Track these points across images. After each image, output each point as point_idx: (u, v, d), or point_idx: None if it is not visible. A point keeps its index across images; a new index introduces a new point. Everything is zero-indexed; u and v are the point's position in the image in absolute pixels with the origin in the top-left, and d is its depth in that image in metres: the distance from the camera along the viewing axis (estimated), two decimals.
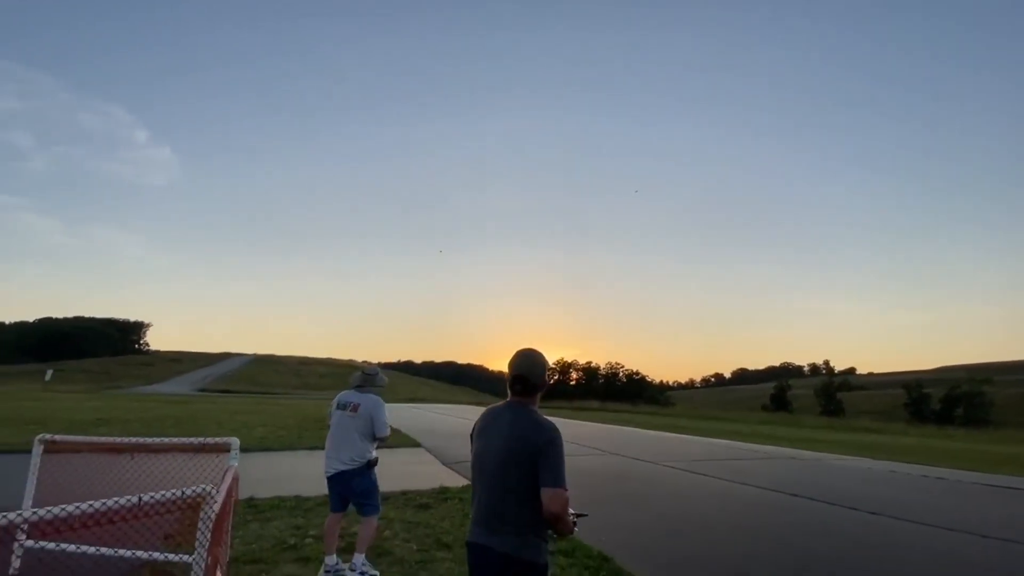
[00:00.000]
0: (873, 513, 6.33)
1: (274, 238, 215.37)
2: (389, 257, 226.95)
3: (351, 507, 3.87)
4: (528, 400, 1.99)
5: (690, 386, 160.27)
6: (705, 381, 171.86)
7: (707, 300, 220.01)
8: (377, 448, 3.94)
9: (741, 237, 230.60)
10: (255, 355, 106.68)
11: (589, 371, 76.40)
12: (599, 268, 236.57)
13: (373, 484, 3.81)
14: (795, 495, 7.20)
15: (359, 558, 3.67)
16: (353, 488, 3.77)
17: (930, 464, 11.35)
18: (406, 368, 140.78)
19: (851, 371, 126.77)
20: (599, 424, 21.59)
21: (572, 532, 1.92)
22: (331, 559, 3.75)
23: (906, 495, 7.54)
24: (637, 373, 74.69)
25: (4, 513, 1.61)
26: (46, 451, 3.46)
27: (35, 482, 3.37)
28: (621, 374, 75.76)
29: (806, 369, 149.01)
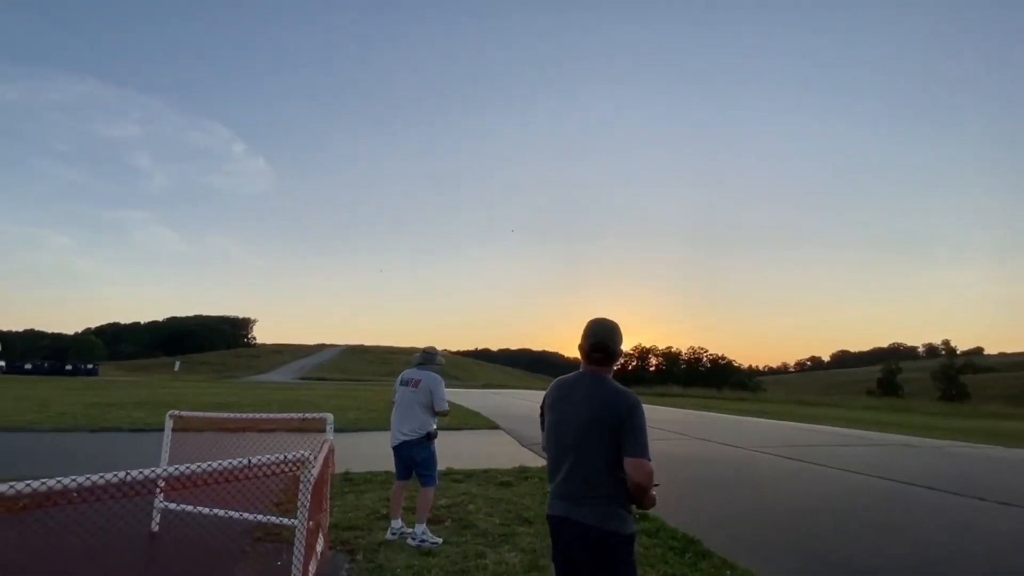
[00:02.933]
0: (1002, 503, 5.59)
1: (361, 234, 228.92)
2: (466, 247, 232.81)
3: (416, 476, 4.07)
4: (605, 370, 1.97)
5: (783, 371, 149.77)
6: (800, 365, 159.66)
7: (800, 276, 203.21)
8: (437, 424, 4.08)
9: (835, 203, 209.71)
10: (347, 346, 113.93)
11: (670, 356, 73.92)
12: (677, 250, 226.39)
13: (432, 455, 3.97)
14: (909, 483, 6.55)
15: (420, 527, 3.85)
16: (414, 457, 3.94)
17: None
18: (483, 356, 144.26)
19: (977, 351, 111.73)
20: (681, 409, 20.90)
21: (654, 505, 1.87)
22: (396, 523, 4.00)
23: None
24: (723, 358, 71.35)
25: (141, 470, 1.91)
26: (175, 429, 3.96)
27: (168, 452, 3.88)
28: (705, 359, 72.74)
29: (921, 350, 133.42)
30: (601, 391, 1.90)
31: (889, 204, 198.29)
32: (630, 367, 71.90)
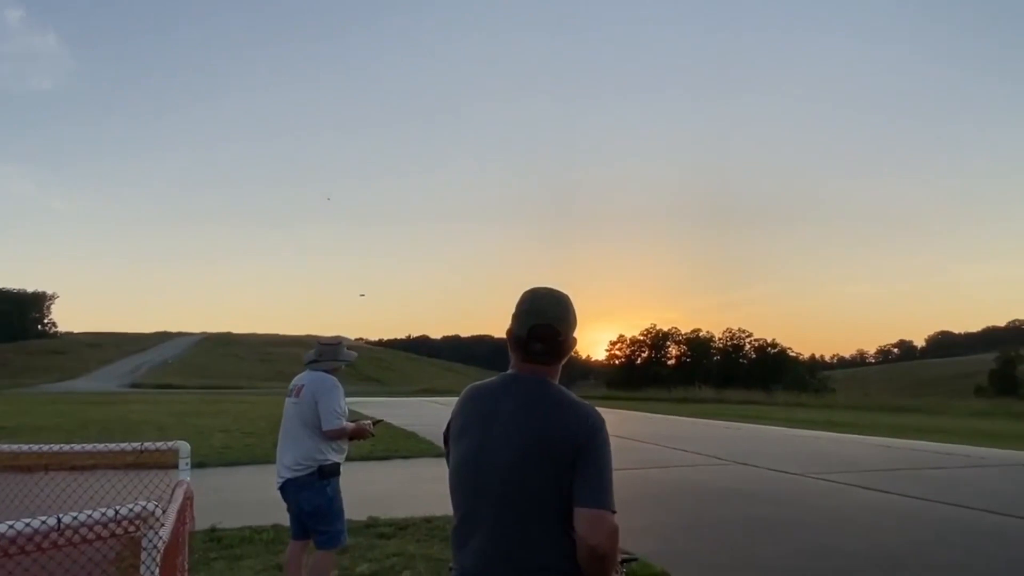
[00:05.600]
0: None
1: (228, 178, 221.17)
2: (395, 207, 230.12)
3: None
4: (550, 370, 1.85)
5: (860, 361, 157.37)
6: (883, 353, 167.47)
7: (879, 230, 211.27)
8: (344, 451, 4.08)
9: (925, 133, 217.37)
10: (204, 335, 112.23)
11: (697, 344, 76.22)
12: (706, 198, 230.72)
13: (328, 502, 3.95)
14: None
15: None
16: (301, 505, 3.95)
17: None
18: (419, 347, 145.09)
19: None
20: (714, 421, 21.77)
21: None
22: None
23: None
24: (773, 344, 73.92)
25: None
26: None
27: None
28: (748, 347, 75.22)
29: None
30: (544, 405, 1.77)
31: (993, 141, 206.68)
32: (639, 359, 74.14)
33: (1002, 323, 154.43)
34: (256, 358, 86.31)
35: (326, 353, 4.16)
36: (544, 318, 1.83)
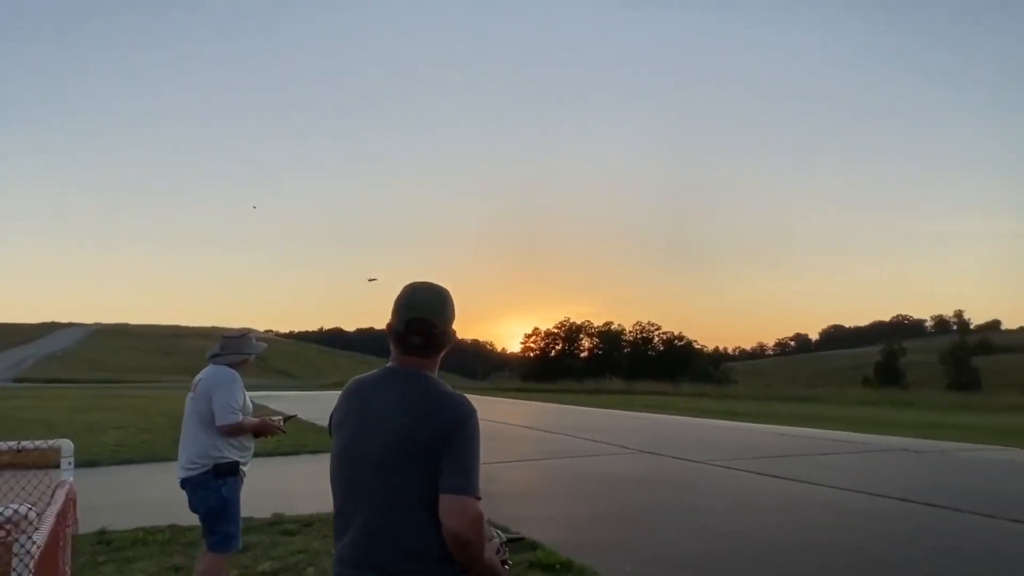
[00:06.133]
0: (1017, 521, 6.70)
1: (124, 140, 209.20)
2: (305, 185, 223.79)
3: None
4: (427, 363, 1.90)
5: (759, 354, 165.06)
6: (781, 346, 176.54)
7: (780, 228, 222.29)
8: (246, 449, 3.92)
9: (823, 133, 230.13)
10: (97, 326, 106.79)
11: (609, 337, 78.10)
12: (627, 197, 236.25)
13: (224, 503, 3.78)
14: (905, 499, 7.59)
15: None
16: (195, 505, 3.81)
17: None
18: (334, 339, 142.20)
19: (993, 326, 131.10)
20: (622, 412, 22.30)
21: (499, 572, 1.78)
22: None
23: None
24: (680, 338, 76.69)
25: None
26: None
27: None
28: (657, 339, 77.70)
29: (929, 324, 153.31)
30: (419, 397, 1.82)
31: (889, 135, 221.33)
32: (553, 352, 75.27)
33: (887, 317, 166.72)
34: (159, 351, 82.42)
35: (229, 346, 4.00)
36: (421, 312, 1.88)
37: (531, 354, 77.42)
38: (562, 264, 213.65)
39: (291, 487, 8.05)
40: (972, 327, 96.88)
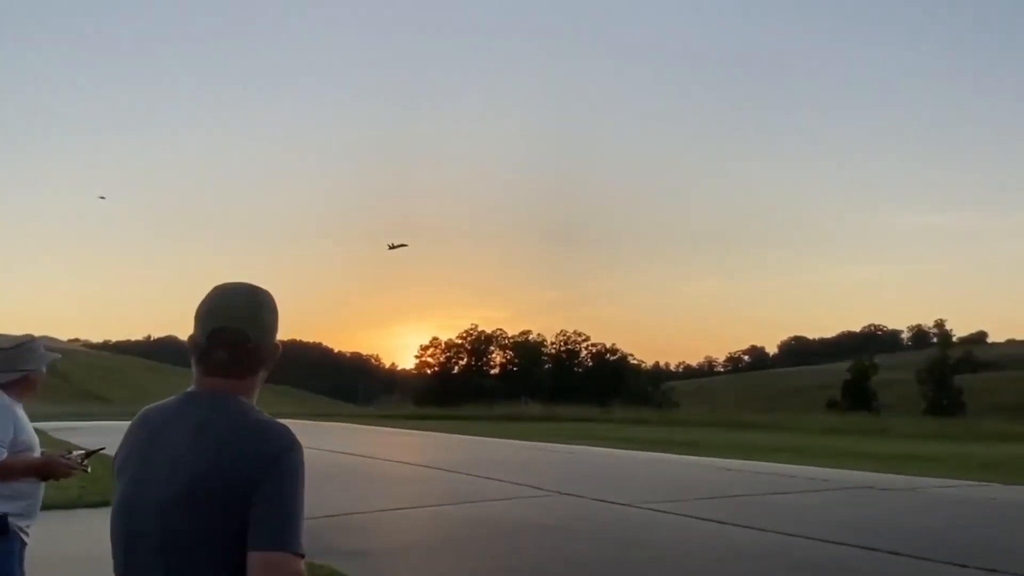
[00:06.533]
0: (993, 571, 7.16)
1: None
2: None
3: None
4: (239, 386, 1.83)
5: (707, 371, 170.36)
6: (733, 361, 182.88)
7: (727, 218, 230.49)
8: (23, 497, 3.75)
9: (781, 101, 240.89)
10: None
11: (527, 349, 78.47)
12: (546, 183, 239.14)
13: None
14: (867, 547, 7.98)
15: None
16: None
17: None
18: (165, 351, 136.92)
19: (979, 338, 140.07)
20: (541, 444, 22.57)
21: None
22: None
23: None
24: (613, 351, 78.10)
25: None
26: None
27: None
28: (584, 352, 78.72)
29: (905, 336, 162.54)
30: (222, 429, 1.74)
31: (859, 115, 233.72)
32: (456, 368, 74.87)
33: (857, 328, 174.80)
34: None
35: (6, 360, 3.78)
36: (229, 320, 1.80)
37: (428, 371, 77.11)
38: (469, 260, 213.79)
39: (90, 550, 7.74)
40: (955, 340, 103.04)
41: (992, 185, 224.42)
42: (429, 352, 77.46)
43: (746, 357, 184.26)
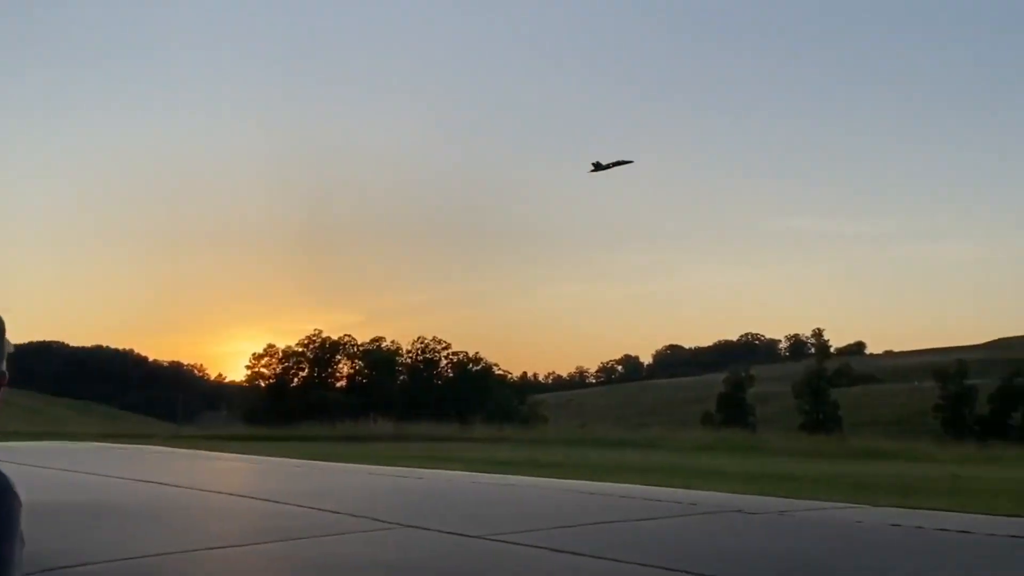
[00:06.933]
0: None
1: None
2: None
3: None
4: None
5: (579, 383, 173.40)
6: (605, 372, 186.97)
7: (597, 218, 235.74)
8: None
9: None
10: None
11: (380, 358, 77.14)
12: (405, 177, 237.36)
13: None
14: None
15: None
16: None
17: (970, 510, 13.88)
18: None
19: (857, 348, 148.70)
20: (389, 468, 22.33)
21: None
22: None
23: (927, 561, 9.12)
24: (476, 360, 77.91)
25: None
26: None
27: None
28: (444, 362, 78.18)
29: (783, 346, 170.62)
30: None
31: (741, 109, 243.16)
32: (296, 380, 72.81)
33: (735, 336, 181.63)
34: None
35: None
36: None
37: (261, 383, 74.82)
38: (313, 257, 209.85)
39: None
40: (833, 351, 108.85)
41: (872, 192, 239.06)
42: (264, 362, 75.54)
43: (619, 367, 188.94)
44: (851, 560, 9.61)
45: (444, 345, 78.97)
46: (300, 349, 76.06)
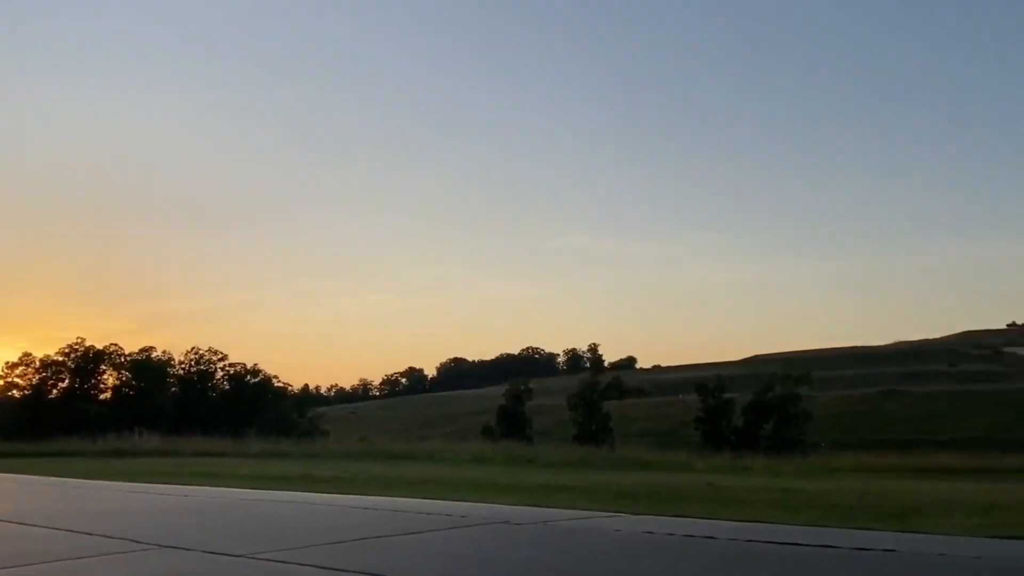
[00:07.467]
0: None
1: None
2: None
3: None
4: None
5: (362, 395, 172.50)
6: (389, 385, 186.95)
7: (378, 227, 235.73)
8: None
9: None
10: None
11: (150, 369, 74.13)
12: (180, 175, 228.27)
13: None
14: None
15: None
16: None
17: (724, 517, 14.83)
18: None
19: (629, 363, 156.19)
20: (150, 486, 21.50)
21: None
22: None
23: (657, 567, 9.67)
24: (255, 372, 76.34)
25: None
26: None
27: None
28: (220, 374, 76.09)
29: (561, 360, 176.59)
30: None
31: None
32: (55, 392, 68.92)
33: (516, 350, 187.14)
34: None
35: None
36: None
37: (15, 395, 70.20)
38: (79, 252, 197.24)
39: None
40: (607, 365, 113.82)
41: (648, 214, 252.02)
42: (18, 372, 71.14)
43: (404, 380, 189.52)
44: (604, 564, 10.07)
45: (220, 356, 76.82)
46: (60, 358, 71.67)
